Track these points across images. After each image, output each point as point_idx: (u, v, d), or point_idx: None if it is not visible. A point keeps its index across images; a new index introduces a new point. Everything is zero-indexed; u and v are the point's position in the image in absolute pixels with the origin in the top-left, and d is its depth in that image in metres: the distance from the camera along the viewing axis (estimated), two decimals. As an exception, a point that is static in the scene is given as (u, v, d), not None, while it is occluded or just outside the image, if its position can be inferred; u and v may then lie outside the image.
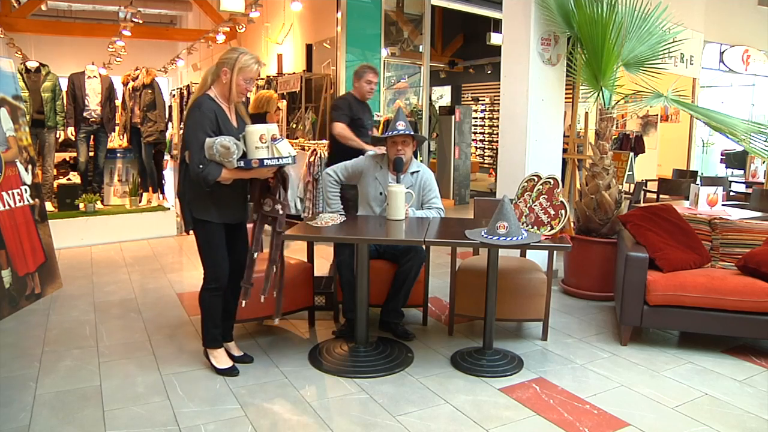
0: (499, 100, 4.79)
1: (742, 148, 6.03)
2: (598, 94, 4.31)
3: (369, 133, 4.55)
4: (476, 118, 14.13)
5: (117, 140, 6.91)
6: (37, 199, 4.26)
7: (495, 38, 10.38)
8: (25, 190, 4.14)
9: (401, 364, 3.08)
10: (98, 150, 6.48)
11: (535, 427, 2.51)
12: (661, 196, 6.72)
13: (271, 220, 2.92)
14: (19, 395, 2.72)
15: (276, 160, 2.71)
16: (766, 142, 4.15)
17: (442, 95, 15.76)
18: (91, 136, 6.37)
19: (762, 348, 3.41)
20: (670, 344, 3.48)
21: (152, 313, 3.89)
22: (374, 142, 3.98)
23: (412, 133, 3.37)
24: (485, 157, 14.24)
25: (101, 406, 2.63)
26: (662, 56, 4.36)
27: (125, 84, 6.75)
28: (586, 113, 5.07)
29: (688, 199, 5.01)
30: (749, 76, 8.83)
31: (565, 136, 4.93)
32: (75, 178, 6.61)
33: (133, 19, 9.71)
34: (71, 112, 6.16)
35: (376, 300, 3.47)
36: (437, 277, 4.57)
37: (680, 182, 6.59)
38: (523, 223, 3.04)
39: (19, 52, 12.07)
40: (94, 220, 5.97)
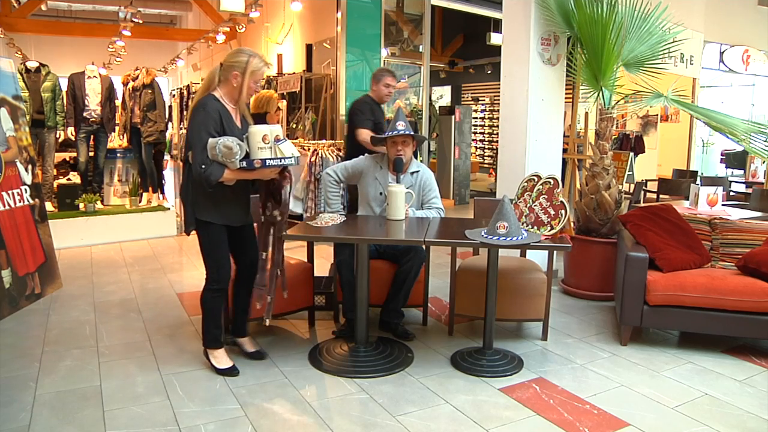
0: (499, 100, 4.79)
1: (742, 148, 6.04)
2: (598, 94, 4.32)
3: None
4: (476, 118, 14.13)
5: (117, 140, 6.91)
6: (37, 199, 4.26)
7: (495, 38, 10.38)
8: (25, 190, 4.14)
9: (401, 364, 3.08)
10: (98, 150, 6.48)
11: (535, 427, 2.51)
12: (661, 196, 6.72)
13: (272, 225, 2.93)
14: (19, 395, 2.72)
15: (279, 161, 2.71)
16: (766, 142, 4.15)
17: (442, 95, 15.75)
18: (91, 136, 6.38)
19: (762, 348, 3.41)
20: (670, 344, 3.48)
21: (152, 313, 3.89)
22: (374, 142, 3.98)
23: (412, 133, 3.36)
24: (485, 157, 14.23)
25: (101, 406, 2.63)
26: (662, 56, 4.36)
27: (125, 84, 6.75)
28: (586, 113, 5.07)
29: (688, 199, 5.00)
30: (749, 76, 8.82)
31: (565, 136, 4.92)
32: (75, 178, 6.62)
33: (133, 19, 9.70)
34: (71, 112, 6.16)
35: (376, 300, 3.47)
36: (437, 277, 4.57)
37: (680, 182, 6.59)
38: (523, 223, 3.04)
39: (19, 52, 12.07)
40: (94, 220, 5.97)
